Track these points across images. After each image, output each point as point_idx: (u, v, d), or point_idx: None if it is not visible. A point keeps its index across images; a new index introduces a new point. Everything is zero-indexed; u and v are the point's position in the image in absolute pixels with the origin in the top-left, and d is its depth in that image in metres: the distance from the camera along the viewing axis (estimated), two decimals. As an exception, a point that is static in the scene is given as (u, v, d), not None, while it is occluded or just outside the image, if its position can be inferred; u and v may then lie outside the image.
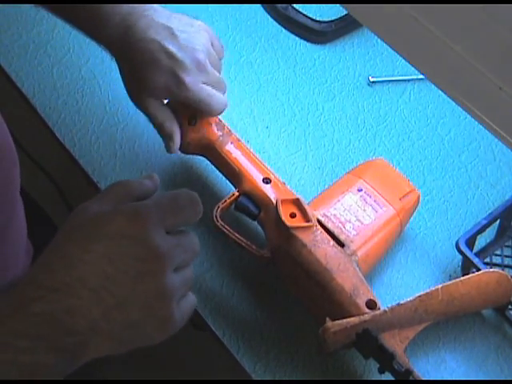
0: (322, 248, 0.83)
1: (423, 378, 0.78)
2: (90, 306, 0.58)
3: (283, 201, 0.86)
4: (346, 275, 0.82)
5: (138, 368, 1.59)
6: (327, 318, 0.80)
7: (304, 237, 0.83)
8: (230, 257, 0.91)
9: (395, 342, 0.79)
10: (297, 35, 1.12)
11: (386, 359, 0.78)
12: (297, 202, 0.86)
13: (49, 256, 0.62)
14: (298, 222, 0.84)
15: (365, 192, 0.89)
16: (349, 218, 0.87)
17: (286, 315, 0.88)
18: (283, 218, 0.84)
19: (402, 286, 0.90)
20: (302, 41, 1.11)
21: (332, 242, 0.84)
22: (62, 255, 0.60)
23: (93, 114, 0.96)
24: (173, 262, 0.61)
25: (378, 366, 0.80)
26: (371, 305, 0.81)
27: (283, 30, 1.13)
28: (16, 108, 1.10)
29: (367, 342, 0.78)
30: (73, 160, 1.00)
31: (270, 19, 1.14)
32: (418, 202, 0.92)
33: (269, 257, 0.86)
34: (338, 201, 0.88)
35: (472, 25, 0.49)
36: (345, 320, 0.79)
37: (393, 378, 0.78)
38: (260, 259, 0.86)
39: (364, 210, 0.87)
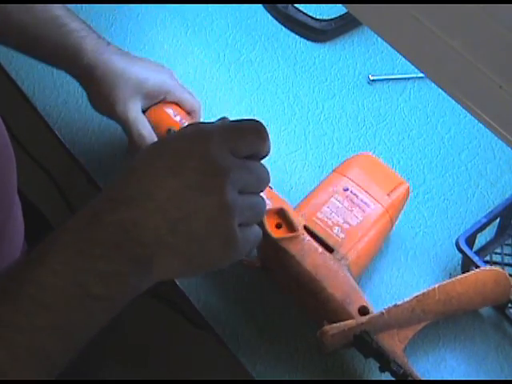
0: (310, 257, 0.82)
1: (422, 379, 0.78)
2: (155, 218, 0.60)
3: (268, 212, 0.84)
4: (336, 283, 0.81)
5: (137, 368, 1.59)
6: (325, 321, 0.80)
7: (291, 247, 0.82)
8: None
9: (394, 343, 0.79)
10: (297, 34, 1.12)
11: (384, 360, 0.78)
12: (281, 212, 0.84)
13: (118, 174, 0.64)
14: (283, 232, 0.83)
15: (351, 191, 0.87)
16: (336, 220, 0.85)
17: (286, 314, 0.88)
18: (268, 230, 0.83)
19: (402, 285, 0.90)
20: (302, 39, 1.11)
21: (320, 249, 0.83)
22: (129, 171, 0.63)
23: (93, 112, 0.96)
24: (235, 180, 0.62)
25: (378, 365, 0.80)
26: (364, 311, 0.80)
27: (283, 28, 1.13)
28: (16, 107, 1.10)
29: (365, 343, 0.78)
30: (73, 159, 1.00)
31: (270, 18, 1.14)
32: (408, 194, 0.91)
33: (260, 266, 0.86)
34: (325, 203, 0.86)
35: (472, 23, 0.49)
36: (342, 323, 0.79)
37: (393, 378, 0.78)
38: (251, 268, 0.86)
39: (351, 211, 0.86)
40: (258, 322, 0.87)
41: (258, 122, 0.68)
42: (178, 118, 0.91)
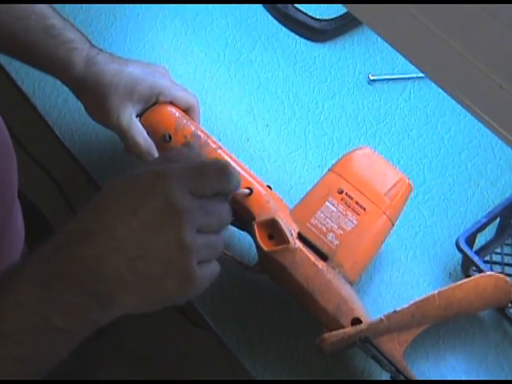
0: (302, 270, 0.81)
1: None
2: (115, 256, 0.62)
3: (259, 223, 0.83)
4: (327, 296, 0.80)
5: (137, 367, 1.59)
6: (323, 328, 0.80)
7: (283, 259, 0.82)
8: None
9: (393, 346, 0.78)
10: (297, 33, 1.12)
11: (383, 365, 0.78)
12: (273, 223, 0.83)
13: (80, 209, 0.66)
14: (275, 244, 0.83)
15: (346, 193, 0.85)
16: (330, 226, 0.83)
17: (285, 313, 0.88)
18: (260, 242, 0.83)
19: (402, 284, 0.90)
20: (302, 39, 1.11)
21: (313, 260, 0.82)
22: (91, 206, 0.65)
23: (93, 112, 0.96)
24: (193, 221, 0.64)
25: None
26: (356, 323, 0.80)
27: (283, 28, 1.13)
28: (16, 106, 1.10)
29: (365, 348, 0.79)
30: (73, 158, 1.00)
31: (270, 17, 1.14)
32: (409, 190, 0.88)
33: (261, 270, 0.85)
34: (319, 208, 0.84)
35: (472, 23, 0.49)
36: (341, 331, 0.78)
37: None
38: (253, 272, 0.86)
39: (346, 216, 0.84)
40: (258, 321, 0.87)
41: (220, 161, 0.69)
42: (173, 118, 0.91)
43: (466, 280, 0.81)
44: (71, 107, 1.03)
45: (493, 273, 0.82)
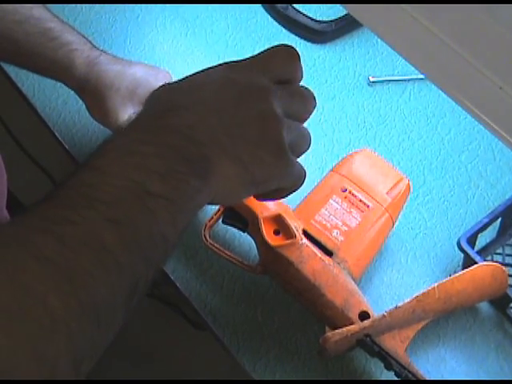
0: (308, 264, 0.82)
1: (426, 377, 0.78)
2: (210, 121, 0.60)
3: (265, 219, 0.84)
4: (335, 290, 0.81)
5: (138, 368, 1.59)
6: (327, 328, 0.80)
7: (289, 254, 0.82)
8: (230, 256, 0.91)
9: (396, 343, 0.79)
10: (297, 35, 1.12)
11: (387, 362, 0.78)
12: (279, 218, 0.84)
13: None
14: (281, 239, 0.83)
15: (349, 192, 0.87)
16: (335, 223, 0.85)
17: (285, 314, 0.88)
18: (266, 237, 0.83)
19: (402, 286, 0.90)
20: (302, 40, 1.11)
21: (319, 255, 0.83)
22: (181, 82, 0.64)
23: (93, 113, 0.96)
24: (278, 97, 0.63)
25: (379, 364, 0.80)
26: (364, 316, 0.80)
27: (283, 29, 1.13)
28: (16, 108, 1.10)
29: (368, 346, 0.79)
30: (73, 160, 1.00)
31: (270, 19, 1.14)
32: (408, 190, 0.90)
33: (262, 271, 0.86)
34: (323, 206, 0.86)
35: (472, 24, 0.49)
36: (345, 328, 0.79)
37: (395, 378, 0.79)
38: (253, 273, 0.86)
39: (350, 213, 0.85)
40: (258, 322, 0.88)
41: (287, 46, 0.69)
42: None
43: (464, 271, 0.83)
44: (71, 109, 1.03)
45: (489, 262, 0.84)
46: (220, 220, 0.88)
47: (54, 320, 0.45)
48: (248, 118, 0.62)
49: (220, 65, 0.66)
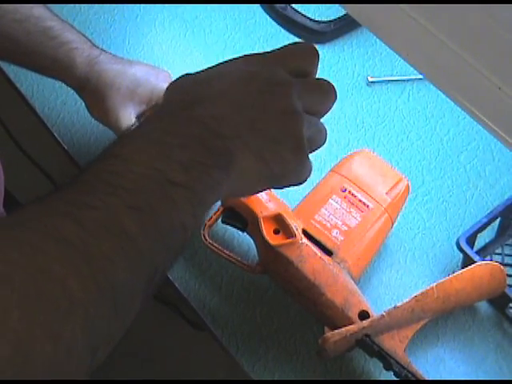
0: (308, 263, 0.82)
1: (425, 377, 0.78)
2: (234, 115, 0.60)
3: (265, 218, 0.84)
4: (335, 289, 0.81)
5: (136, 368, 1.59)
6: (326, 328, 0.80)
7: (289, 253, 0.82)
8: (229, 257, 0.91)
9: (395, 343, 0.79)
10: (295, 35, 1.12)
11: (386, 362, 0.78)
12: (279, 218, 0.84)
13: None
14: (281, 239, 0.83)
15: (349, 192, 0.87)
16: (334, 223, 0.85)
17: (284, 314, 0.88)
18: (266, 237, 0.83)
19: (401, 286, 0.90)
20: (301, 41, 1.11)
21: (319, 254, 0.83)
22: (202, 74, 0.64)
23: (92, 114, 0.96)
24: (297, 91, 0.64)
25: (378, 364, 0.80)
26: (363, 315, 0.80)
27: (282, 29, 1.13)
28: (15, 108, 1.10)
29: (367, 347, 0.79)
30: (72, 160, 1.00)
31: (269, 19, 1.14)
32: (407, 190, 0.90)
33: (261, 271, 0.86)
34: (323, 205, 0.86)
35: (471, 24, 0.49)
36: (344, 329, 0.79)
37: (394, 378, 0.79)
38: (252, 273, 0.86)
39: (350, 212, 0.86)
40: (257, 322, 0.87)
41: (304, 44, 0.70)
42: None
43: (463, 270, 0.83)
44: (70, 109, 1.03)
45: (488, 261, 0.84)
46: (219, 220, 0.88)
47: (72, 302, 0.45)
48: (270, 114, 0.62)
49: (238, 57, 0.66)
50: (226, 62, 0.66)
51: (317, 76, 0.69)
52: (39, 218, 0.49)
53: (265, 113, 0.62)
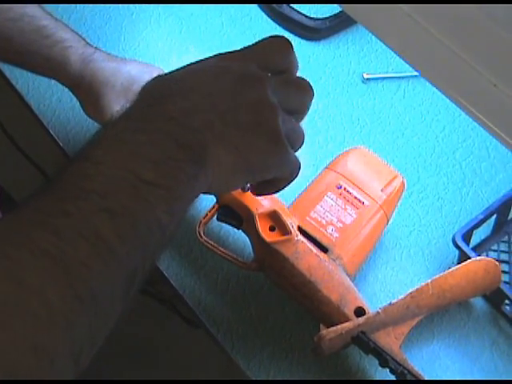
0: (304, 260, 0.82)
1: (421, 373, 0.78)
2: (204, 107, 0.59)
3: (260, 215, 0.84)
4: (331, 285, 0.81)
5: (132, 367, 1.59)
6: (321, 325, 0.80)
7: (285, 250, 0.82)
8: (225, 254, 0.91)
9: (390, 340, 0.79)
10: (291, 32, 1.12)
11: (382, 359, 0.78)
12: (274, 215, 0.84)
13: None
14: (277, 235, 0.83)
15: (344, 189, 0.87)
16: (330, 219, 0.85)
17: (280, 312, 0.88)
18: (262, 234, 0.83)
19: (397, 283, 0.90)
20: (297, 38, 1.11)
21: (314, 251, 0.83)
22: (173, 73, 0.64)
23: (87, 111, 0.96)
24: (272, 86, 0.63)
25: (374, 362, 0.80)
26: (359, 312, 0.80)
27: (277, 27, 1.13)
28: (10, 105, 1.10)
29: (363, 343, 0.79)
30: (67, 157, 1.00)
31: (265, 16, 1.14)
32: (403, 187, 0.90)
33: (256, 268, 0.86)
34: (318, 202, 0.86)
35: (466, 22, 0.49)
36: (339, 326, 0.79)
37: (389, 375, 0.79)
38: (248, 270, 0.86)
39: (345, 209, 0.86)
40: (252, 320, 0.87)
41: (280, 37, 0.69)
42: None
43: (458, 266, 0.83)
44: (65, 106, 1.03)
45: (482, 257, 0.84)
46: (214, 217, 0.88)
47: (51, 312, 0.45)
48: (243, 106, 0.61)
49: (213, 56, 0.66)
50: (200, 60, 0.65)
51: (304, 76, 0.68)
52: (15, 229, 0.49)
53: (237, 104, 0.61)
